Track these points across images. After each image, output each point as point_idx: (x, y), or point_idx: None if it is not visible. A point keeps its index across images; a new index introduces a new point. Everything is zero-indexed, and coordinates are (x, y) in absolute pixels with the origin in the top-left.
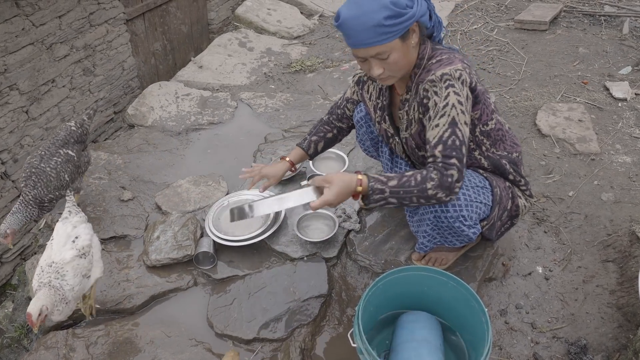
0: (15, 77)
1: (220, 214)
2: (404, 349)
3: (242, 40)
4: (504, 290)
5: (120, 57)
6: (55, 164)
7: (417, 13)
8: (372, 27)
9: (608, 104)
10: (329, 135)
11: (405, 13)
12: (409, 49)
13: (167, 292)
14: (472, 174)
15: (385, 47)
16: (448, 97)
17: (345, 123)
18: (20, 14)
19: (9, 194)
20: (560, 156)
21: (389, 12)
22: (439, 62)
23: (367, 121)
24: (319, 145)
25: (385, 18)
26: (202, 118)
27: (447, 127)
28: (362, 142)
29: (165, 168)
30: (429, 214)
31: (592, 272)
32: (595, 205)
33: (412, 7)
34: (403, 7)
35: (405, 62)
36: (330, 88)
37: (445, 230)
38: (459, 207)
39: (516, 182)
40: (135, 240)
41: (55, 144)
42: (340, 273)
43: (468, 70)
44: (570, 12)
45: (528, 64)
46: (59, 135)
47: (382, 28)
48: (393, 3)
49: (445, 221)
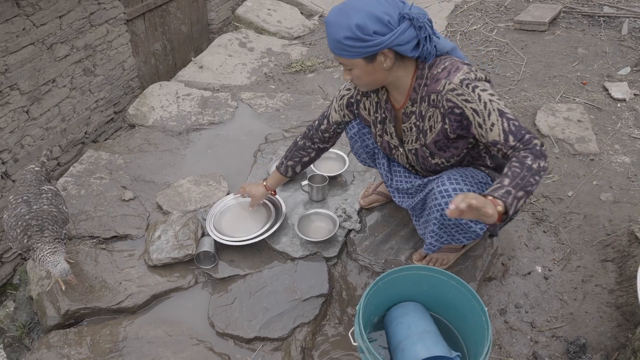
0: (16, 77)
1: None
2: (409, 345)
3: (242, 40)
4: (503, 289)
5: (121, 57)
6: (48, 200)
7: (387, 42)
8: (335, 40)
9: (607, 105)
10: (305, 159)
11: (369, 39)
12: (377, 70)
13: (168, 291)
14: (474, 171)
15: (346, 61)
16: (482, 98)
17: (331, 142)
18: (21, 14)
19: (9, 194)
20: (559, 156)
21: (349, 34)
22: (445, 69)
23: (362, 136)
24: (296, 169)
25: (345, 38)
26: (202, 118)
27: (501, 119)
28: (358, 155)
29: (166, 168)
30: (436, 212)
31: (591, 271)
32: (594, 205)
33: (383, 35)
34: (368, 34)
35: (370, 80)
36: (330, 88)
37: (452, 227)
38: None
39: None
40: (136, 240)
41: (32, 186)
42: (341, 272)
43: (474, 68)
44: (569, 12)
45: (527, 64)
46: (27, 179)
47: (340, 45)
48: (358, 27)
49: (452, 218)
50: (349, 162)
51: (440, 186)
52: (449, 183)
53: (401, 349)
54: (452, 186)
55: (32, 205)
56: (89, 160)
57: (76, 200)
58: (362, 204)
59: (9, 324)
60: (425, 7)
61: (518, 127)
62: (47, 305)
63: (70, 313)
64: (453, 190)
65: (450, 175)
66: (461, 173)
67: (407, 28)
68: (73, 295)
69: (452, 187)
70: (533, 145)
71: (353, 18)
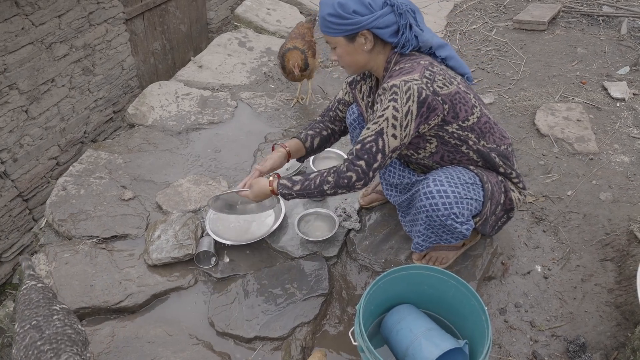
0: (15, 76)
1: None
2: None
3: (241, 40)
4: (503, 289)
5: (120, 56)
6: (62, 322)
7: (365, 22)
8: (322, 17)
9: (606, 104)
10: (324, 132)
11: (349, 18)
12: (357, 51)
13: (168, 290)
14: (461, 170)
15: (330, 38)
16: (386, 110)
17: (337, 125)
18: (19, 14)
19: (8, 193)
20: (559, 156)
21: (331, 11)
22: (400, 70)
23: (360, 122)
24: (315, 140)
25: (328, 14)
26: (202, 117)
27: (373, 134)
28: None
29: (166, 167)
30: (421, 213)
31: (591, 271)
32: (593, 205)
33: (362, 15)
34: (348, 12)
35: (351, 60)
36: (329, 87)
37: (438, 228)
38: (449, 205)
39: (507, 175)
40: (136, 239)
41: (41, 307)
42: (341, 272)
43: (426, 80)
44: (568, 12)
45: (527, 64)
46: (33, 300)
47: (325, 22)
48: (339, 5)
49: (437, 220)
50: None
51: (425, 187)
52: (434, 185)
53: (411, 354)
54: (437, 187)
55: (44, 330)
56: (88, 160)
57: (76, 200)
58: (361, 203)
59: (8, 323)
60: (425, 6)
61: (370, 151)
62: None
63: None
64: (437, 192)
65: (435, 177)
66: (447, 174)
67: (388, 13)
68: (73, 295)
69: (436, 189)
70: (349, 175)
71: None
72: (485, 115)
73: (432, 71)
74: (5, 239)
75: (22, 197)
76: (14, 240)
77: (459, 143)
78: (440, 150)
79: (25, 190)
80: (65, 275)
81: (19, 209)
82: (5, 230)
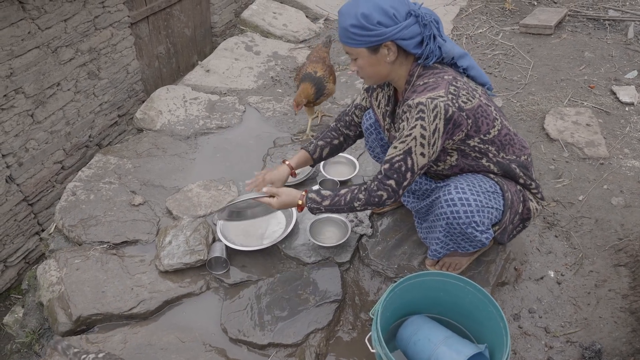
0: (21, 80)
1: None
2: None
3: (248, 44)
4: (516, 294)
5: (125, 60)
6: None
7: (390, 34)
8: (342, 27)
9: (615, 108)
10: (335, 142)
11: (373, 29)
12: (380, 62)
13: (180, 297)
14: (482, 179)
15: (351, 49)
16: (413, 129)
17: (352, 131)
18: (26, 18)
19: (13, 197)
20: (569, 160)
21: (354, 22)
22: (425, 85)
23: (377, 128)
24: (324, 151)
25: (350, 25)
26: (210, 122)
27: (401, 153)
28: (372, 148)
29: (175, 172)
30: (441, 220)
31: (604, 276)
32: (605, 210)
33: (386, 27)
34: (372, 24)
35: (373, 72)
36: (337, 92)
37: (458, 236)
38: (470, 214)
39: (527, 186)
40: (147, 245)
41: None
42: (353, 278)
43: (451, 96)
44: (574, 16)
45: (534, 68)
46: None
47: (347, 32)
48: (364, 16)
49: (457, 227)
50: (359, 166)
51: (446, 194)
52: (455, 192)
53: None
54: (458, 195)
55: None
56: (97, 165)
57: (85, 205)
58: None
59: (18, 329)
60: None
61: (400, 171)
62: (58, 311)
63: (82, 319)
64: (459, 200)
65: (457, 184)
66: (469, 182)
67: (412, 24)
68: (85, 302)
69: (457, 196)
70: (379, 194)
71: (360, 8)
72: (505, 127)
73: (457, 86)
74: (10, 244)
75: (27, 202)
76: (19, 245)
77: (479, 156)
78: (461, 163)
79: (30, 194)
80: (76, 282)
81: (24, 213)
82: (10, 234)
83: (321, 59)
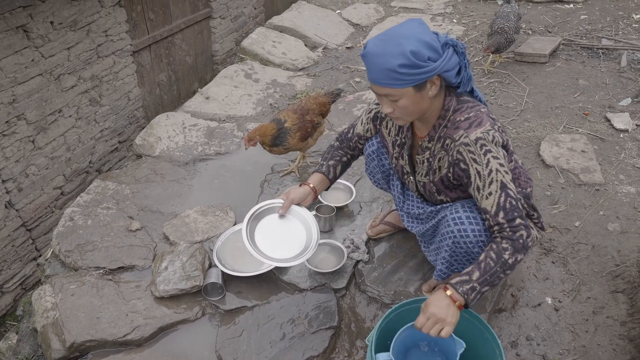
0: (23, 107)
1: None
2: None
3: (247, 71)
4: (514, 321)
5: (126, 87)
6: None
7: (439, 67)
8: (386, 69)
9: (610, 135)
10: (344, 159)
11: (424, 66)
12: (423, 98)
13: (175, 323)
14: None
15: (395, 91)
16: (490, 164)
17: (356, 152)
18: (30, 46)
19: (12, 222)
20: (565, 186)
21: (405, 61)
22: (468, 120)
23: (379, 155)
24: (337, 169)
25: (399, 66)
26: (209, 148)
27: (500, 192)
28: (373, 174)
29: (173, 198)
30: (448, 239)
31: (602, 303)
32: (601, 236)
33: (435, 61)
34: (423, 60)
35: (415, 109)
36: (335, 119)
37: (463, 256)
38: (478, 233)
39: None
40: (143, 271)
41: None
42: (349, 304)
43: (497, 126)
44: (568, 45)
45: (529, 95)
46: None
47: (394, 74)
48: (413, 53)
49: (464, 247)
50: (356, 192)
51: (453, 213)
52: (463, 210)
53: None
54: (466, 214)
55: None
56: (96, 190)
57: (83, 231)
58: (369, 234)
59: (11, 356)
60: None
61: (514, 206)
62: (52, 337)
63: (75, 346)
64: (466, 218)
65: (464, 203)
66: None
67: (452, 54)
68: (79, 328)
69: (465, 215)
70: (518, 236)
71: (406, 45)
72: (516, 160)
73: (494, 119)
74: (7, 269)
75: (26, 227)
76: (16, 271)
77: None
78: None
79: (29, 220)
80: (71, 307)
81: (22, 238)
82: (7, 260)
83: (303, 111)
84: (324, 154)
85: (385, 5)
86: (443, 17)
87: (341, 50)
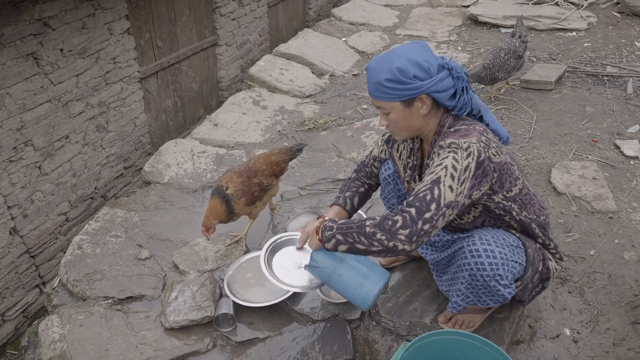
0: (31, 133)
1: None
2: None
3: (255, 98)
4: (532, 353)
5: (133, 113)
6: None
7: (426, 87)
8: (376, 82)
9: (620, 162)
10: (361, 189)
11: (409, 82)
12: (413, 115)
13: (185, 355)
14: (505, 233)
15: (385, 104)
16: (445, 159)
17: (373, 180)
18: (40, 73)
19: (16, 249)
20: (577, 214)
21: (390, 76)
22: (457, 131)
23: (395, 179)
24: (354, 200)
25: (386, 80)
26: (218, 175)
27: (428, 183)
28: (388, 199)
29: (182, 226)
30: (464, 272)
31: (622, 334)
32: (618, 265)
33: (422, 80)
34: (408, 77)
35: (406, 125)
36: (344, 146)
37: (480, 289)
38: (495, 266)
39: (546, 245)
40: (152, 301)
41: None
42: (364, 336)
43: (483, 145)
44: (573, 72)
45: (537, 122)
46: None
47: (382, 87)
48: (399, 70)
49: (481, 280)
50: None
51: (470, 245)
52: (480, 243)
53: None
54: (483, 246)
55: None
56: (104, 218)
57: (91, 259)
58: (382, 263)
59: None
60: None
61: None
62: None
63: None
64: (484, 251)
65: (482, 235)
66: (493, 234)
67: (446, 77)
68: None
69: (482, 248)
70: (394, 218)
71: (395, 62)
72: (526, 187)
73: (488, 137)
74: (9, 297)
75: (30, 254)
76: (19, 298)
77: (503, 213)
78: (483, 216)
79: (33, 246)
80: (79, 339)
81: (25, 265)
82: (10, 287)
83: (251, 172)
84: (340, 187)
85: (390, 33)
86: (448, 45)
87: (348, 77)
